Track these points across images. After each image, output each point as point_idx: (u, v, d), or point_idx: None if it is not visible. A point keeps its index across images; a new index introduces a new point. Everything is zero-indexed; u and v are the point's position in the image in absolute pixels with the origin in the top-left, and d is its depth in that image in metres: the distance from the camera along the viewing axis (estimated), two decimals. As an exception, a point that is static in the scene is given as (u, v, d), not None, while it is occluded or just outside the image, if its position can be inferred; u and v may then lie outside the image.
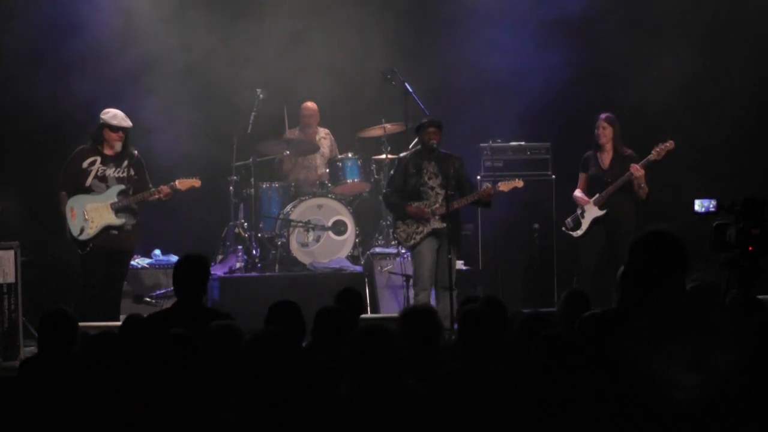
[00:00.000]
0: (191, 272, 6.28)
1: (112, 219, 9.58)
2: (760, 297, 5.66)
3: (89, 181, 9.59)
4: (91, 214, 9.53)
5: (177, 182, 9.70)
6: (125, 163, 9.67)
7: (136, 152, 9.76)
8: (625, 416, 3.87)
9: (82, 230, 9.54)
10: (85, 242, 9.54)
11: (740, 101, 11.36)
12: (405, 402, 4.37)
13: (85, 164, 9.59)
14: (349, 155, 11.39)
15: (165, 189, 9.60)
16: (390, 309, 10.57)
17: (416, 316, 5.63)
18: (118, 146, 9.62)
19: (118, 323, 9.30)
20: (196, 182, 9.82)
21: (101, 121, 9.60)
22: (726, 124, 11.37)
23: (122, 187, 9.62)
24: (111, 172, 9.65)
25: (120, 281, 9.83)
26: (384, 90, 11.32)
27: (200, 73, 11.52)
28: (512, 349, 5.46)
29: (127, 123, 9.64)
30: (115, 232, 9.61)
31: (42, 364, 5.71)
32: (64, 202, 9.58)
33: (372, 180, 11.36)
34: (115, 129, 9.58)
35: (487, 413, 4.65)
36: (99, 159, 9.61)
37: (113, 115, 9.61)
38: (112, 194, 9.60)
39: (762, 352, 4.18)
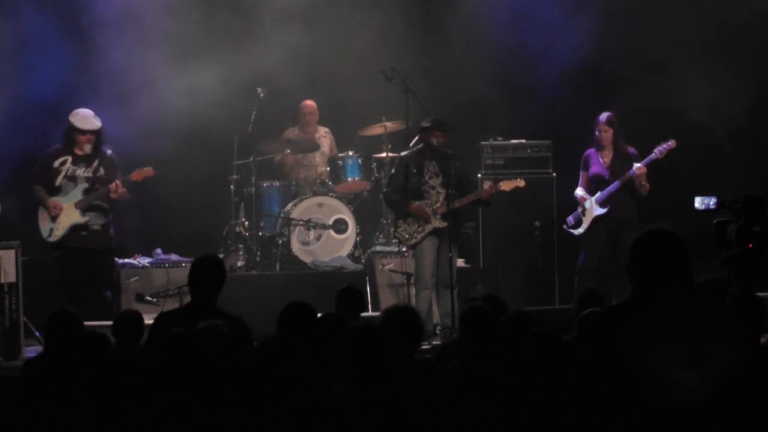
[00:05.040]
0: (208, 273, 6.28)
1: (77, 218, 9.65)
2: (760, 294, 5.66)
3: (59, 180, 9.70)
4: (59, 215, 9.59)
5: (132, 175, 9.73)
6: (96, 163, 9.72)
7: (109, 152, 9.81)
8: (625, 416, 3.87)
9: (50, 232, 9.63)
10: (56, 244, 9.62)
11: (742, 98, 11.35)
12: (395, 401, 4.32)
13: (56, 164, 9.70)
14: (350, 153, 11.39)
15: (116, 184, 9.56)
16: (391, 307, 10.56)
17: (398, 316, 5.63)
18: (88, 148, 9.71)
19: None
20: (148, 171, 9.80)
21: (69, 123, 9.65)
22: (727, 121, 11.37)
23: (86, 185, 9.68)
24: (81, 171, 9.72)
25: (102, 280, 9.87)
26: (384, 88, 11.31)
27: (201, 71, 11.51)
28: (503, 348, 5.48)
29: (95, 125, 9.67)
30: (84, 232, 9.68)
31: (47, 363, 5.73)
32: (40, 191, 9.66)
33: (373, 178, 11.36)
34: (83, 132, 9.64)
35: (485, 412, 4.65)
36: (70, 159, 9.71)
37: (80, 118, 9.66)
38: (77, 193, 9.69)
39: (762, 351, 4.18)
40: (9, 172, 10.60)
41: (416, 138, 9.98)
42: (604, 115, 10.31)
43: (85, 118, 9.68)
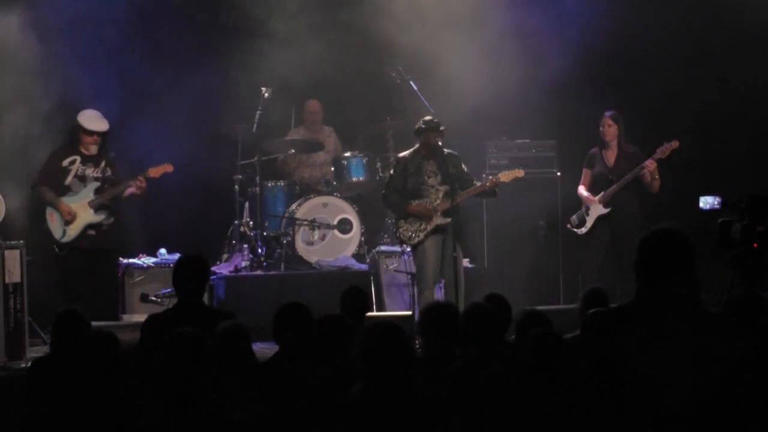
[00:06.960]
0: (190, 273, 6.30)
1: (91, 217, 9.68)
2: (763, 293, 5.66)
3: (69, 179, 9.71)
4: (73, 220, 9.60)
5: (150, 171, 9.75)
6: (103, 163, 9.74)
7: (112, 154, 9.83)
8: (626, 416, 3.87)
9: (64, 233, 9.63)
10: (67, 244, 9.63)
11: (744, 98, 11.35)
12: (414, 401, 4.31)
13: (65, 163, 9.71)
14: (355, 153, 11.40)
15: (140, 179, 9.59)
16: (395, 307, 10.57)
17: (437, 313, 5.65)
18: (94, 149, 9.72)
19: (119, 322, 9.43)
20: (168, 167, 9.84)
21: (77, 123, 9.66)
22: (731, 121, 11.36)
23: (98, 184, 9.70)
24: (90, 171, 9.74)
25: (107, 280, 9.88)
26: (389, 88, 11.31)
27: (205, 71, 11.52)
28: (515, 348, 5.47)
29: (103, 127, 9.68)
30: (92, 232, 9.69)
31: (54, 363, 5.75)
32: (48, 193, 9.64)
33: (377, 178, 11.36)
34: (90, 133, 9.65)
35: (488, 413, 4.64)
36: (79, 158, 9.71)
37: (89, 118, 9.67)
38: (89, 192, 9.71)
39: (763, 352, 4.18)
40: (11, 172, 10.63)
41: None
42: (608, 112, 10.34)
43: (93, 118, 9.69)
